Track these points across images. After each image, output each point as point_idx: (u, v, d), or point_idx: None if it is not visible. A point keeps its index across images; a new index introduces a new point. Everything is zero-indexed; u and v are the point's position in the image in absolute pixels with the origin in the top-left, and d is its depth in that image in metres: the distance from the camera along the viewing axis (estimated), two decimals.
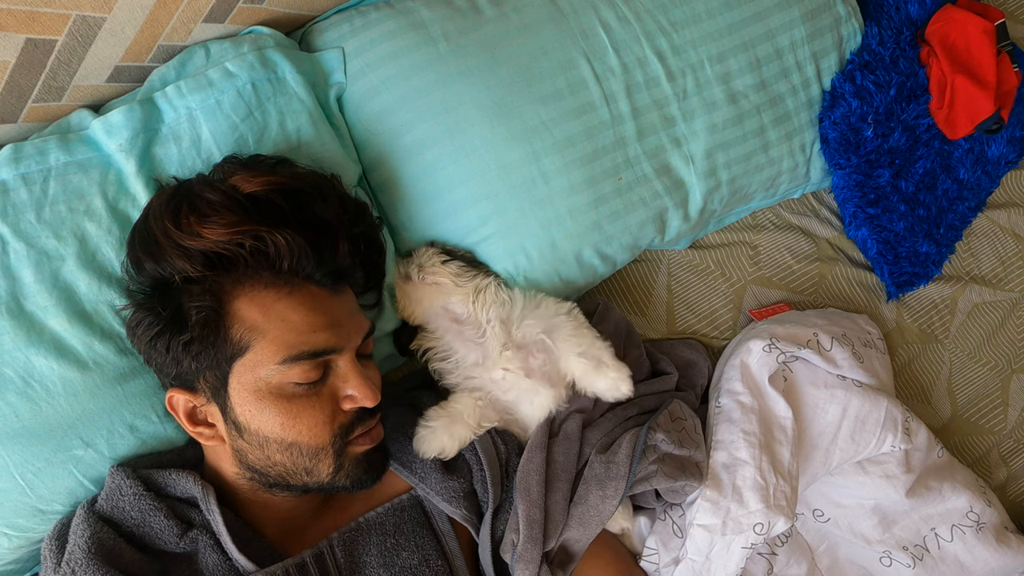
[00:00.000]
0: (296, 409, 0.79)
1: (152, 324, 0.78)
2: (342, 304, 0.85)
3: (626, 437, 0.95)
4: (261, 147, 0.94)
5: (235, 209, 0.78)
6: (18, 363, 0.82)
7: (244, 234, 0.77)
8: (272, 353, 0.77)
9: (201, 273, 0.77)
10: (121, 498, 0.81)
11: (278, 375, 0.78)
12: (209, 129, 0.91)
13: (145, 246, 0.80)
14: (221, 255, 0.77)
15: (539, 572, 0.87)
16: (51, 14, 0.78)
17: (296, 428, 0.79)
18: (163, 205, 0.80)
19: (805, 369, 1.08)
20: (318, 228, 0.82)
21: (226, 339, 0.77)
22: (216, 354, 0.78)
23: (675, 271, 1.26)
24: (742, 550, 0.95)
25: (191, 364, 0.78)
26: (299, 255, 0.79)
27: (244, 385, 0.78)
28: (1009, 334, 1.38)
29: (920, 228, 1.29)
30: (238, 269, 0.78)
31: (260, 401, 0.78)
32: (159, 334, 0.78)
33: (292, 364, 0.77)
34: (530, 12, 1.07)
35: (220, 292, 0.78)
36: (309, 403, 0.80)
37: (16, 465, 0.83)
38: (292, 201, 0.82)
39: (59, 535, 0.82)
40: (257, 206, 0.79)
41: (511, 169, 1.03)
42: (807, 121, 1.24)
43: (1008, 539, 1.13)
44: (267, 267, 0.79)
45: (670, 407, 1.01)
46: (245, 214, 0.78)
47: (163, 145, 0.90)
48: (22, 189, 0.84)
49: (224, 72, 0.93)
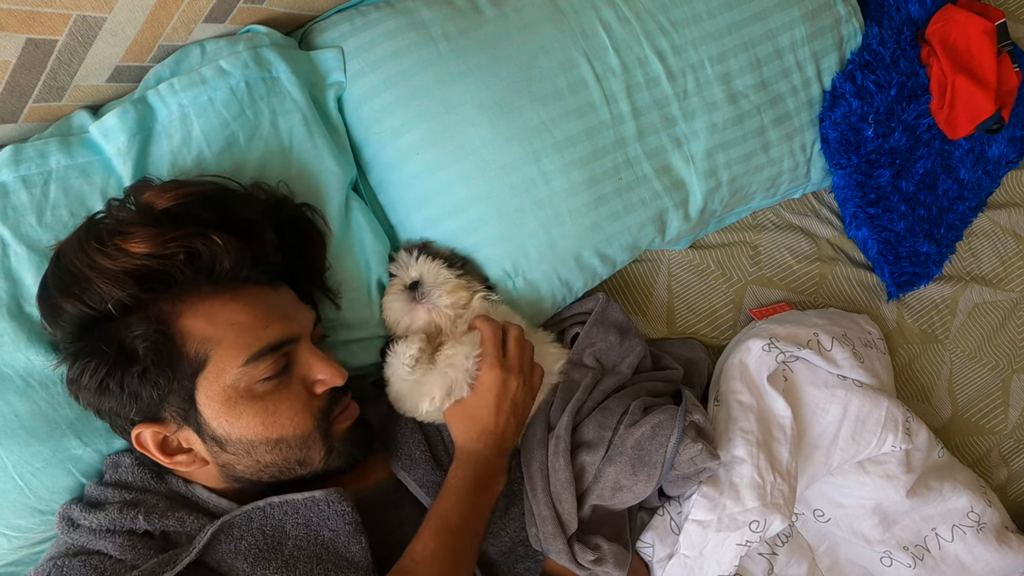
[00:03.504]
0: (272, 405, 0.79)
1: (98, 367, 0.75)
2: (283, 297, 0.86)
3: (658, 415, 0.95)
4: (252, 146, 0.94)
5: (156, 224, 0.76)
6: (18, 363, 0.82)
7: (175, 243, 0.75)
8: (232, 357, 0.77)
9: (135, 296, 0.74)
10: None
11: (245, 377, 0.77)
12: (200, 126, 0.91)
13: (64, 288, 0.76)
14: (152, 273, 0.75)
15: (572, 551, 0.90)
16: (51, 14, 0.78)
17: (278, 423, 0.79)
18: (79, 240, 0.76)
19: (805, 369, 1.08)
20: (242, 227, 0.81)
21: (181, 357, 0.76)
22: (176, 375, 0.76)
23: (675, 271, 1.26)
24: (736, 547, 0.95)
25: (151, 394, 0.76)
26: (235, 255, 0.78)
27: (213, 397, 0.77)
28: (1010, 334, 1.38)
29: (921, 228, 1.29)
30: (174, 284, 0.77)
31: (234, 408, 0.78)
32: (109, 374, 0.75)
33: (256, 362, 0.77)
34: (530, 12, 1.07)
35: (160, 314, 0.76)
36: (282, 396, 0.80)
37: (15, 465, 0.83)
38: (210, 206, 0.80)
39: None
40: (175, 219, 0.77)
41: (511, 169, 1.03)
42: (807, 121, 1.23)
43: (1009, 539, 1.13)
44: (203, 276, 0.78)
45: (687, 393, 1.02)
46: (165, 227, 0.76)
47: (157, 143, 0.90)
48: (22, 191, 0.83)
49: (217, 70, 0.92)
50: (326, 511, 0.81)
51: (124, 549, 0.76)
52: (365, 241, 1.02)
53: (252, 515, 0.79)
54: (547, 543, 0.91)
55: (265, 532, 0.79)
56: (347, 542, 0.80)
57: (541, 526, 0.92)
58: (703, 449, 0.93)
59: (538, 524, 0.92)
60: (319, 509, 0.81)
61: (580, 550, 0.91)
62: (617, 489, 0.95)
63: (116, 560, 0.76)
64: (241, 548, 0.77)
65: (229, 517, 0.78)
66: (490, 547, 0.92)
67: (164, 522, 0.78)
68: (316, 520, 0.80)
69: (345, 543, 0.80)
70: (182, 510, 0.80)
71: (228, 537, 0.78)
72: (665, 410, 0.96)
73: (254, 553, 0.77)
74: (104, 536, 0.77)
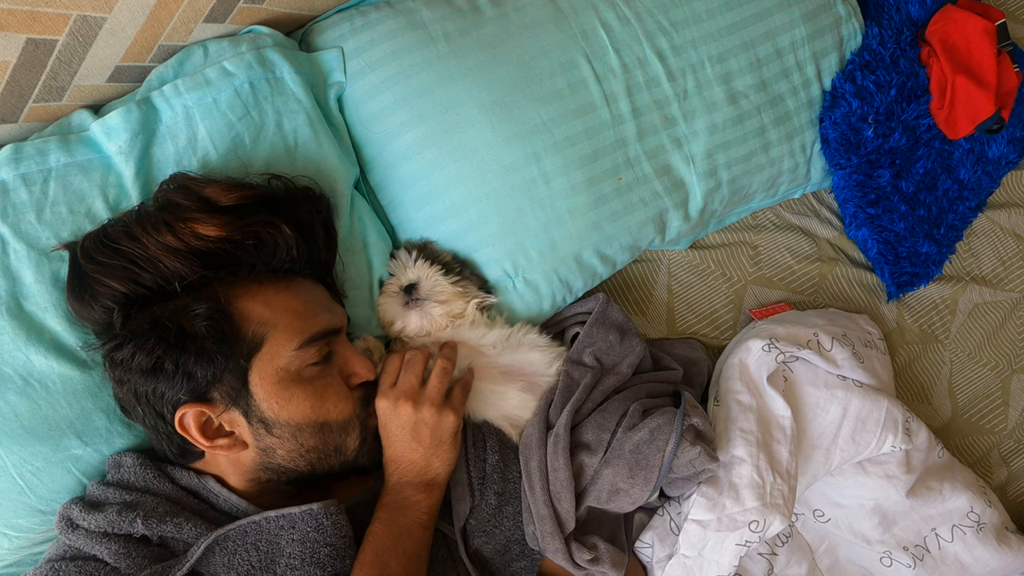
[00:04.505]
0: (319, 389, 0.83)
1: (156, 345, 0.76)
2: (324, 292, 0.91)
3: (656, 418, 0.95)
4: (258, 146, 0.94)
5: (221, 213, 0.82)
6: (18, 362, 0.82)
7: (248, 230, 0.82)
8: (287, 340, 0.81)
9: (202, 275, 0.80)
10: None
11: (297, 360, 0.81)
12: (206, 128, 0.91)
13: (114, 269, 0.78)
14: (220, 256, 0.81)
15: (569, 550, 0.91)
16: (52, 14, 0.78)
17: (325, 407, 0.83)
18: (138, 222, 0.81)
19: (805, 369, 1.08)
20: (299, 225, 0.88)
21: (239, 338, 0.79)
22: (233, 355, 0.79)
23: (675, 271, 1.26)
24: (736, 547, 0.95)
25: (206, 372, 0.77)
26: (297, 248, 0.86)
27: (267, 378, 0.80)
28: (1009, 334, 1.38)
29: (921, 228, 1.29)
30: (239, 269, 0.83)
31: (286, 390, 0.81)
32: (166, 352, 0.76)
33: (308, 347, 0.82)
34: (530, 12, 1.07)
35: (220, 295, 0.80)
36: (328, 382, 0.85)
37: (15, 465, 0.83)
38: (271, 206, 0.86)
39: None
40: (242, 212, 0.83)
41: (511, 169, 1.03)
42: (807, 121, 1.23)
43: (1009, 539, 1.13)
44: (264, 264, 0.84)
45: (686, 394, 1.02)
46: (233, 216, 0.82)
47: (161, 145, 0.90)
48: (22, 189, 0.83)
49: (222, 71, 0.92)
50: (324, 523, 0.81)
51: (119, 556, 0.77)
52: (369, 240, 1.03)
53: (247, 529, 0.79)
54: (544, 542, 0.91)
55: (260, 547, 0.79)
56: (342, 557, 0.81)
57: (539, 525, 0.92)
58: (702, 452, 0.93)
59: (536, 523, 0.92)
60: (316, 523, 0.81)
61: (577, 549, 0.91)
62: (614, 492, 0.95)
63: (111, 568, 0.77)
64: (234, 563, 0.78)
65: (224, 531, 0.78)
66: (484, 545, 0.92)
67: (162, 527, 0.78)
68: (313, 535, 0.80)
69: (341, 558, 0.81)
70: (181, 515, 0.80)
71: (223, 550, 0.78)
72: (663, 413, 0.96)
73: (246, 569, 0.78)
74: (101, 541, 0.77)
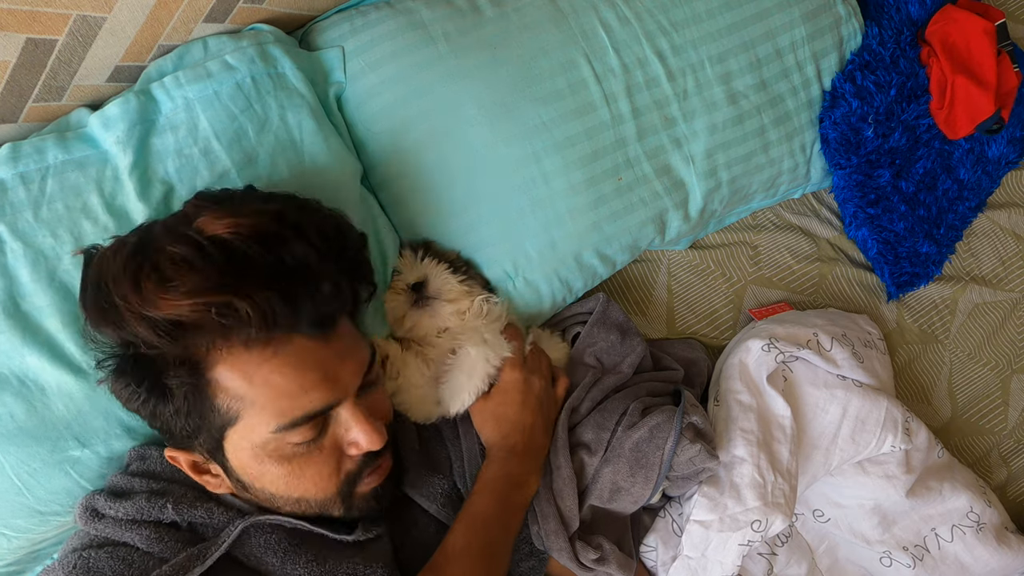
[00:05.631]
0: (299, 468, 0.76)
1: (134, 394, 0.73)
2: (335, 347, 0.76)
3: (656, 416, 0.95)
4: (262, 139, 0.93)
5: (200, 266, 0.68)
6: (14, 363, 0.81)
7: (207, 304, 0.67)
8: (264, 422, 0.72)
9: (168, 343, 0.68)
10: None
11: (274, 441, 0.73)
12: (207, 119, 0.90)
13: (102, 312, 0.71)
14: (189, 324, 0.68)
15: (573, 549, 0.91)
16: (51, 14, 0.78)
17: (301, 485, 0.77)
18: (122, 265, 0.70)
19: (805, 369, 1.08)
20: (295, 273, 0.72)
21: (212, 409, 0.72)
22: (205, 424, 0.73)
23: (675, 271, 1.26)
24: (739, 547, 0.95)
25: (182, 430, 0.75)
26: (272, 313, 0.68)
27: (240, 451, 0.75)
28: (1009, 334, 1.38)
29: (920, 228, 1.29)
30: (210, 334, 0.69)
31: (260, 464, 0.75)
32: (143, 403, 0.74)
33: (288, 431, 0.73)
34: (530, 12, 1.07)
35: (196, 360, 0.71)
36: (311, 459, 0.76)
37: (12, 466, 0.82)
38: (263, 245, 0.71)
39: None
40: (225, 256, 0.69)
41: (511, 169, 1.03)
42: (807, 121, 1.23)
43: (1008, 539, 1.13)
44: (241, 332, 0.69)
45: (686, 393, 1.02)
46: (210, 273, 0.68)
47: (160, 136, 0.89)
48: (20, 188, 0.83)
49: (223, 64, 0.92)
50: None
51: (151, 542, 0.75)
52: (380, 234, 1.02)
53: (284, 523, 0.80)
54: (549, 540, 0.91)
55: (294, 532, 0.80)
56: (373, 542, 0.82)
57: (543, 523, 0.92)
58: (701, 449, 0.93)
59: (540, 521, 0.92)
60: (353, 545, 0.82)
61: (582, 548, 0.91)
62: (615, 491, 0.95)
63: (144, 552, 0.75)
64: (271, 543, 0.77)
65: (264, 519, 0.78)
66: None
67: (193, 512, 0.78)
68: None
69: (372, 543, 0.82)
70: (210, 502, 0.80)
71: (258, 532, 0.78)
72: (663, 411, 0.96)
73: (283, 548, 0.77)
74: (130, 527, 0.76)
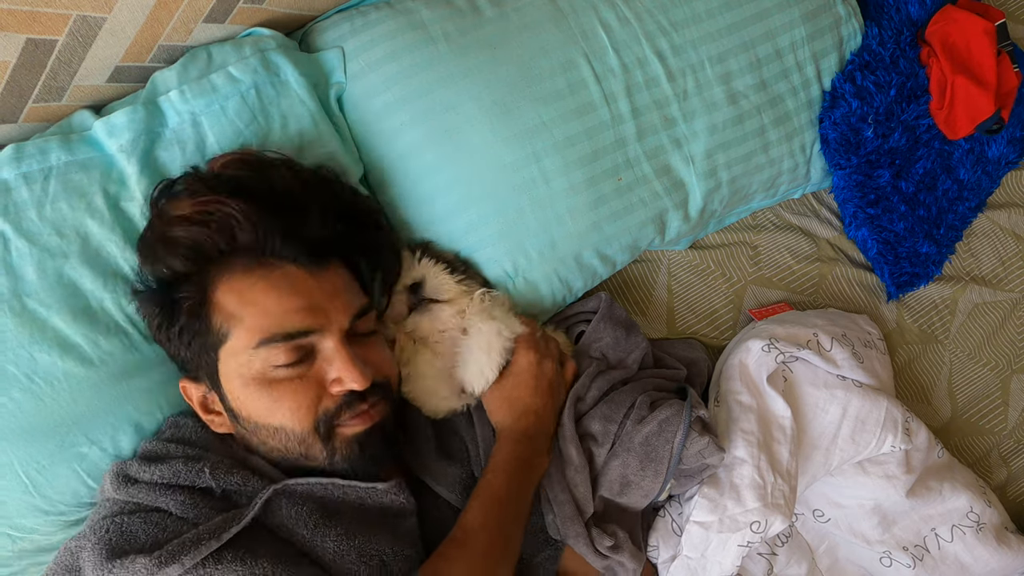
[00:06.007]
0: (278, 394, 0.79)
1: (153, 316, 0.82)
2: (325, 283, 0.82)
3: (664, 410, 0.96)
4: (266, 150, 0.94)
5: (201, 186, 0.81)
6: (22, 360, 0.82)
7: (205, 207, 0.78)
8: (248, 338, 0.78)
9: (188, 267, 0.80)
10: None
11: (257, 360, 0.78)
12: (215, 135, 0.92)
13: (142, 248, 0.85)
14: (201, 247, 0.79)
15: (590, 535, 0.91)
16: (51, 14, 0.78)
17: (279, 412, 0.79)
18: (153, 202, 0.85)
19: (805, 369, 1.08)
20: (283, 199, 0.81)
21: (209, 328, 0.79)
22: (204, 343, 0.80)
23: (675, 271, 1.26)
24: (738, 548, 0.95)
25: (187, 353, 0.82)
26: (261, 226, 0.78)
27: (230, 372, 0.79)
28: (1009, 334, 1.38)
29: (920, 228, 1.29)
30: (219, 257, 0.80)
31: (246, 387, 0.79)
32: (159, 326, 0.82)
33: (267, 347, 0.77)
34: (530, 12, 1.07)
35: (205, 283, 0.80)
36: (292, 387, 0.79)
37: (20, 462, 0.83)
38: (254, 170, 0.83)
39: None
40: (220, 180, 0.82)
41: (511, 169, 1.04)
42: (807, 121, 1.24)
43: (1008, 539, 1.13)
44: (240, 251, 0.79)
45: (691, 389, 1.02)
46: (209, 189, 0.80)
47: (167, 149, 0.90)
48: (23, 188, 0.84)
49: (228, 77, 0.93)
50: (383, 499, 0.83)
51: (186, 507, 0.75)
52: None
53: (313, 488, 0.80)
54: (565, 528, 0.91)
55: (325, 503, 0.81)
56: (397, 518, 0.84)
57: (558, 510, 0.92)
58: (710, 442, 0.93)
59: (555, 509, 0.92)
60: (377, 496, 0.83)
61: (598, 535, 0.92)
62: (625, 484, 0.95)
63: (178, 518, 0.75)
64: (302, 514, 0.78)
65: (292, 483, 0.79)
66: None
67: (228, 479, 0.79)
68: (370, 502, 0.83)
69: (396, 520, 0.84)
70: (245, 470, 0.81)
71: (289, 502, 0.79)
72: (671, 405, 0.96)
73: (314, 520, 0.78)
74: (164, 492, 0.76)
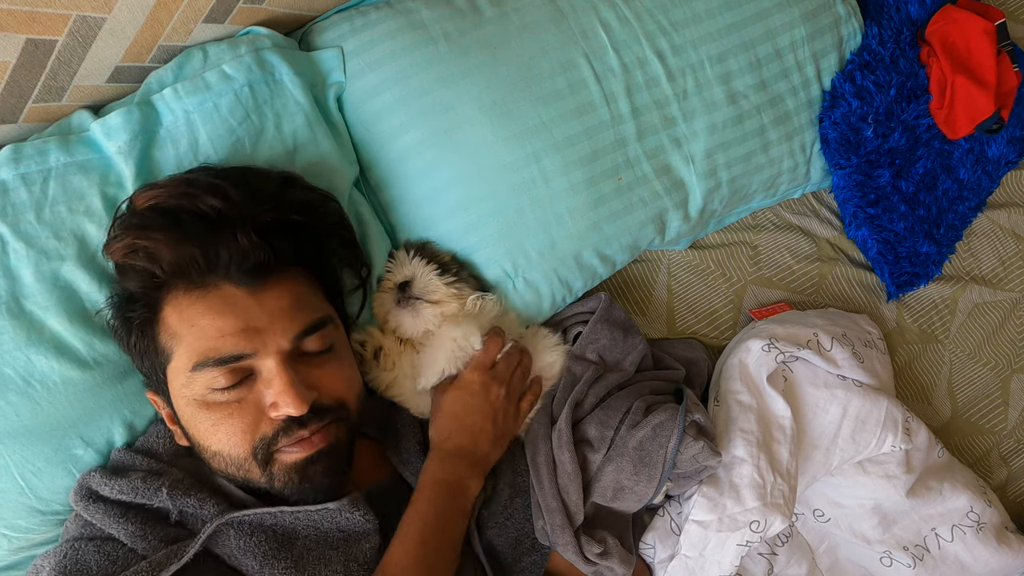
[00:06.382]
0: (216, 418, 0.77)
1: (114, 330, 0.84)
2: (267, 301, 0.78)
3: (658, 415, 0.96)
4: (258, 150, 0.94)
5: (123, 226, 0.80)
6: (18, 362, 0.82)
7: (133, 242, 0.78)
8: (186, 360, 0.76)
9: (127, 282, 0.81)
10: None
11: (196, 383, 0.76)
12: (207, 133, 0.91)
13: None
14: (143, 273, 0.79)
15: (579, 543, 0.91)
16: (51, 14, 0.78)
17: (216, 437, 0.77)
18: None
19: (805, 369, 1.08)
20: (208, 221, 0.78)
21: (156, 347, 0.79)
22: (153, 362, 0.80)
23: (675, 271, 1.26)
24: (737, 547, 0.95)
25: (144, 368, 0.83)
26: (180, 252, 0.76)
27: (176, 392, 0.79)
28: (1009, 334, 1.38)
29: (920, 228, 1.29)
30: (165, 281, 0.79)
31: (188, 408, 0.78)
32: (121, 338, 0.83)
33: (202, 371, 0.75)
34: (530, 12, 1.07)
35: (151, 300, 0.80)
36: (228, 412, 0.76)
37: (16, 464, 0.83)
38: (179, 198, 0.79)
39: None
40: (142, 215, 0.80)
41: (511, 169, 1.03)
42: (807, 121, 1.23)
43: (1008, 539, 1.13)
44: (177, 275, 0.77)
45: (688, 391, 1.02)
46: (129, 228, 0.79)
47: (161, 148, 0.90)
48: (22, 189, 0.83)
49: (221, 75, 0.93)
50: (339, 519, 0.81)
51: (135, 538, 0.77)
52: (369, 238, 1.03)
53: (263, 518, 0.80)
54: (554, 535, 0.91)
55: (276, 532, 0.80)
56: (359, 540, 0.81)
57: (549, 518, 0.92)
58: (704, 447, 0.93)
59: (545, 516, 0.92)
60: (332, 517, 0.81)
61: (587, 542, 0.92)
62: (619, 490, 0.95)
63: (128, 549, 0.77)
64: (251, 545, 0.77)
65: (239, 515, 0.78)
66: (496, 538, 0.93)
67: (185, 500, 0.79)
68: (326, 524, 0.81)
69: (356, 542, 0.81)
70: (204, 491, 0.80)
71: (238, 533, 0.78)
72: (666, 410, 0.96)
73: (263, 551, 0.77)
74: (118, 520, 0.78)
